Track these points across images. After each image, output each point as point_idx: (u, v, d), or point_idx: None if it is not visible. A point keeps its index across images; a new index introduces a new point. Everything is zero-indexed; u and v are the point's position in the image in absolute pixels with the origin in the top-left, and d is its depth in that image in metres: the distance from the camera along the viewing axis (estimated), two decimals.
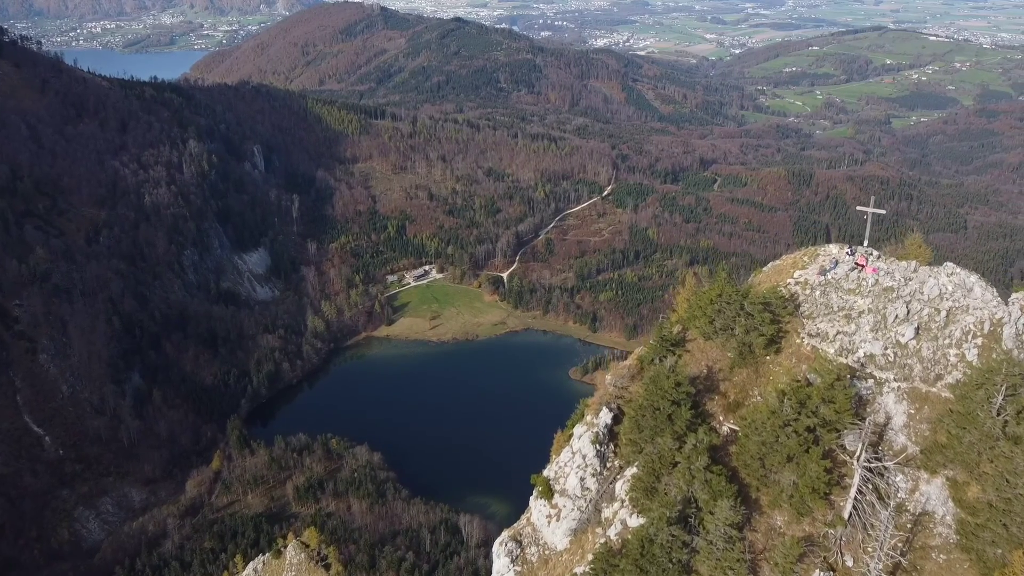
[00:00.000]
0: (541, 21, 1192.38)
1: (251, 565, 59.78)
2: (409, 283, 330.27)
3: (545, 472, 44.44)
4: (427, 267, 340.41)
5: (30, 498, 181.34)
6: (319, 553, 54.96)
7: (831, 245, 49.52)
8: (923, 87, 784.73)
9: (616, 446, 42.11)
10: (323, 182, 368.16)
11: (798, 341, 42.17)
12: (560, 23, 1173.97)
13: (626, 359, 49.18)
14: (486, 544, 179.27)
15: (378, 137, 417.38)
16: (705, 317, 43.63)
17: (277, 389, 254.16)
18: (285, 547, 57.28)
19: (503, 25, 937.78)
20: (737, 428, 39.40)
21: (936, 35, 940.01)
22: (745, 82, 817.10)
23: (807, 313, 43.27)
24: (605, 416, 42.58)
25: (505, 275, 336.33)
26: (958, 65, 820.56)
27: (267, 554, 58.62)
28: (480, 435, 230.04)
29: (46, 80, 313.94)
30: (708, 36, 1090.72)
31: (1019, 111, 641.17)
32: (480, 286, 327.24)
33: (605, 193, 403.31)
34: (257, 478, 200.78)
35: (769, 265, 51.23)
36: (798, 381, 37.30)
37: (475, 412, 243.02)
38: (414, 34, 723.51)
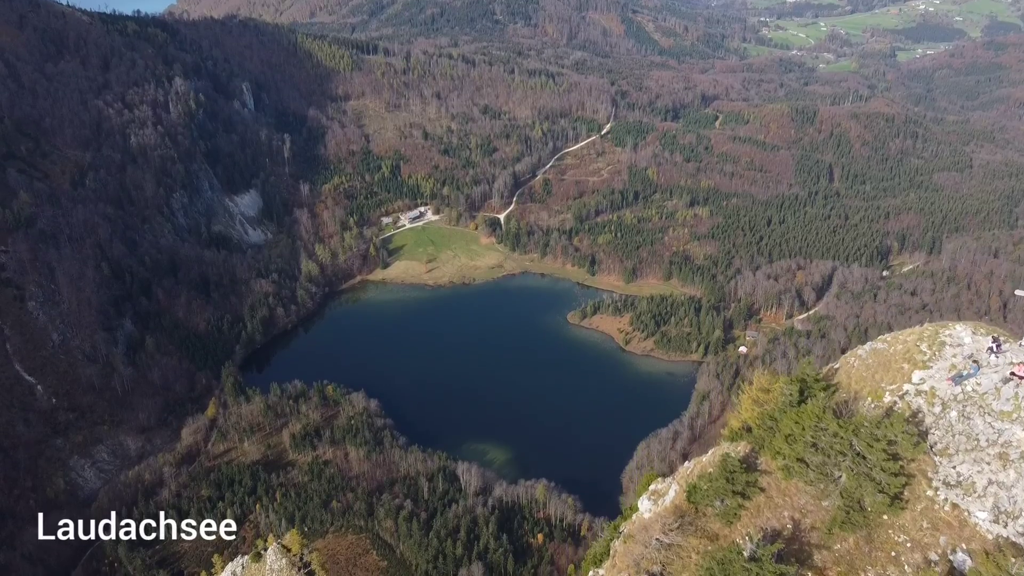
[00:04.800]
0: None
1: (229, 568, 57.02)
2: (404, 225, 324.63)
3: None
4: (422, 209, 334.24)
5: (24, 448, 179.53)
6: (301, 559, 52.04)
7: (958, 326, 34.83)
8: (930, 18, 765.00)
9: None
10: (315, 121, 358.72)
11: (929, 493, 29.45)
12: None
13: (666, 485, 35.61)
14: (484, 492, 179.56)
15: (371, 73, 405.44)
16: (791, 449, 31.48)
17: (271, 335, 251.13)
18: (265, 550, 54.46)
19: None
20: None
21: None
22: (747, 13, 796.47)
23: (940, 447, 30.13)
24: None
25: (502, 217, 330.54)
26: None
27: (246, 557, 55.86)
28: (478, 381, 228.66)
29: (23, 15, 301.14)
30: None
31: None
32: (476, 228, 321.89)
33: (604, 131, 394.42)
34: (253, 426, 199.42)
35: (867, 348, 36.47)
36: None
37: (472, 358, 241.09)
38: None
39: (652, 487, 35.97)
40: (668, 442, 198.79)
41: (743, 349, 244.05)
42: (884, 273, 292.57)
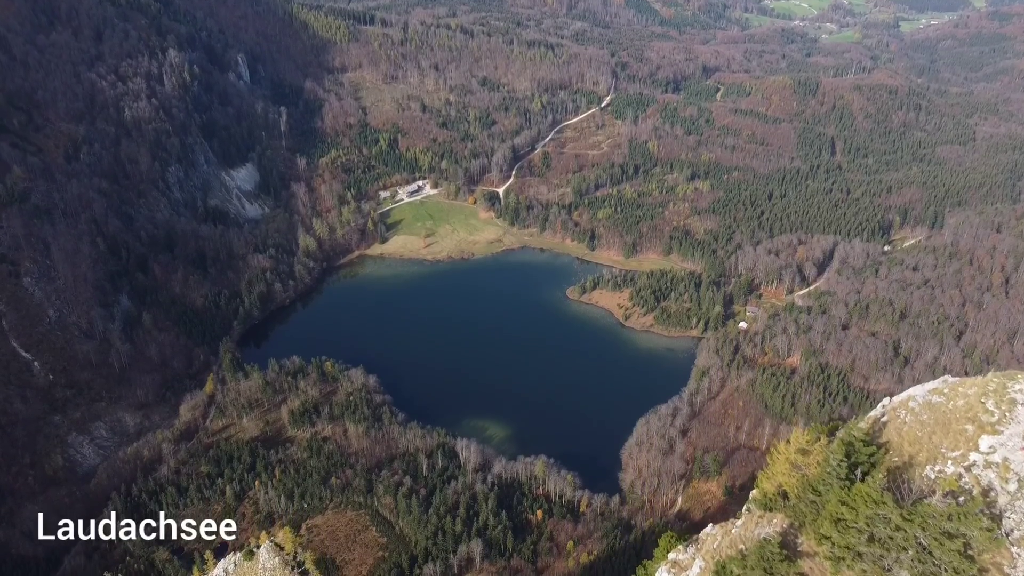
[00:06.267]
0: None
1: (221, 565, 56.14)
2: (402, 199, 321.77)
3: None
4: (420, 182, 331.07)
5: (22, 425, 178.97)
6: (295, 558, 51.07)
7: None
8: None
9: None
10: (311, 93, 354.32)
11: None
12: None
13: (689, 557, 30.74)
14: (483, 468, 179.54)
15: (368, 45, 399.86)
16: (841, 537, 25.73)
17: (269, 310, 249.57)
18: (258, 547, 53.52)
19: None
20: None
21: None
22: None
23: (1017, 535, 24.65)
24: None
25: (501, 191, 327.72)
26: None
27: (239, 554, 54.99)
28: (477, 357, 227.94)
29: None
30: None
31: None
32: (475, 202, 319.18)
33: (604, 104, 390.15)
34: (251, 402, 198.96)
35: (919, 398, 29.51)
36: None
37: (471, 333, 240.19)
38: None
39: (672, 556, 31.48)
40: (667, 418, 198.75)
41: (743, 325, 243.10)
42: (886, 248, 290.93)
